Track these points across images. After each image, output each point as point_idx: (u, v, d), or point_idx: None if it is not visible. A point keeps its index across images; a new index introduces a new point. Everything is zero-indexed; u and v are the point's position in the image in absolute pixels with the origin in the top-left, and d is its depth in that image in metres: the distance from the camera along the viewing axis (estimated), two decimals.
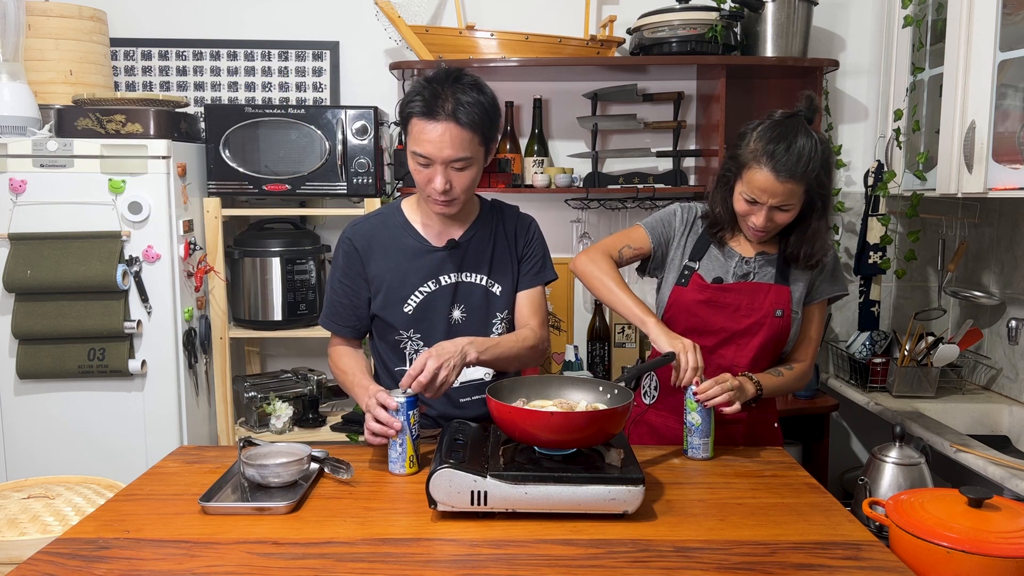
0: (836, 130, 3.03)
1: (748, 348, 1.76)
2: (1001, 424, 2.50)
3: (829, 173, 1.68)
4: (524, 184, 2.88)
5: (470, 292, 1.74)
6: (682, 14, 2.71)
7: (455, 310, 1.73)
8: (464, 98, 1.55)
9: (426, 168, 1.60)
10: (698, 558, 1.21)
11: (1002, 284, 2.65)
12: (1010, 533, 1.17)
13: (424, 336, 1.72)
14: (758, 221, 1.67)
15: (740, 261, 1.78)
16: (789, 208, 1.66)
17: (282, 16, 2.98)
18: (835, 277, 1.82)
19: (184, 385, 2.55)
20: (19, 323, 2.40)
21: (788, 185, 1.62)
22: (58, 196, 2.43)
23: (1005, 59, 2.19)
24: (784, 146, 1.61)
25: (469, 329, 1.73)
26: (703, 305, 1.77)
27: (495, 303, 1.76)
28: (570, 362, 2.96)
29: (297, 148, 2.67)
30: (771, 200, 1.64)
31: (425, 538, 1.28)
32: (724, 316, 1.76)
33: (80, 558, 1.20)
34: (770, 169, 1.61)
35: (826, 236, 1.75)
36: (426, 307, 1.71)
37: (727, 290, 1.76)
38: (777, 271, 1.78)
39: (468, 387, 1.74)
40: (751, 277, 1.77)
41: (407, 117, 1.60)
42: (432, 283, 1.71)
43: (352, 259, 1.73)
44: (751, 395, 1.69)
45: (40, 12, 2.63)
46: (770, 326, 1.75)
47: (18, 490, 1.77)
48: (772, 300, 1.75)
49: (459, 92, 1.56)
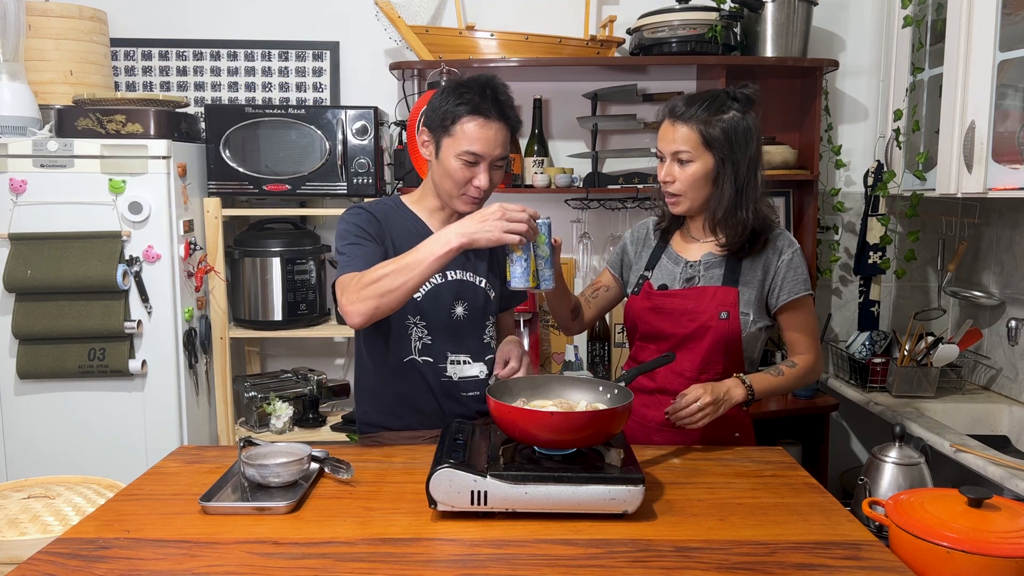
0: (836, 130, 3.03)
1: (696, 352, 1.75)
2: (1001, 424, 2.50)
3: (741, 140, 1.68)
4: (524, 184, 2.88)
5: (472, 291, 1.78)
6: (682, 14, 2.71)
7: (458, 307, 1.76)
8: (507, 101, 1.68)
9: (472, 166, 1.66)
10: (698, 558, 1.21)
11: (1002, 284, 2.65)
12: (1010, 533, 1.17)
13: (429, 326, 1.74)
14: (661, 174, 1.74)
15: (686, 266, 1.80)
16: (688, 158, 1.69)
17: (282, 16, 2.98)
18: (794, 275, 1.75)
19: (184, 385, 2.55)
20: (19, 323, 2.40)
21: (680, 128, 1.69)
22: (58, 196, 2.43)
23: (1005, 59, 2.19)
24: (682, 98, 1.72)
25: (468, 327, 1.77)
26: (650, 312, 1.79)
27: (489, 305, 1.81)
28: (570, 362, 2.96)
29: (297, 148, 2.67)
30: (668, 147, 1.71)
31: (425, 538, 1.28)
32: (670, 322, 1.77)
33: (80, 558, 1.20)
34: (666, 117, 1.72)
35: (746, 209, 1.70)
36: (433, 298, 1.74)
37: (671, 296, 1.78)
38: (725, 272, 1.76)
39: (469, 383, 1.77)
40: (697, 281, 1.78)
41: (455, 118, 1.63)
42: (439, 276, 1.74)
43: (372, 221, 1.71)
44: (738, 400, 1.68)
45: (40, 12, 2.63)
46: (716, 329, 1.73)
47: (18, 490, 1.77)
48: (717, 303, 1.73)
49: (499, 95, 1.66)
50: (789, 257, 1.76)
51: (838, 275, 3.10)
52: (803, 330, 1.80)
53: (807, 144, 2.87)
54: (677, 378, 1.76)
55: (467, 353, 1.77)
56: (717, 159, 1.69)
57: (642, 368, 1.65)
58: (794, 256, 1.76)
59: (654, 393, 1.80)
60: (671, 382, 1.76)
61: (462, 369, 1.77)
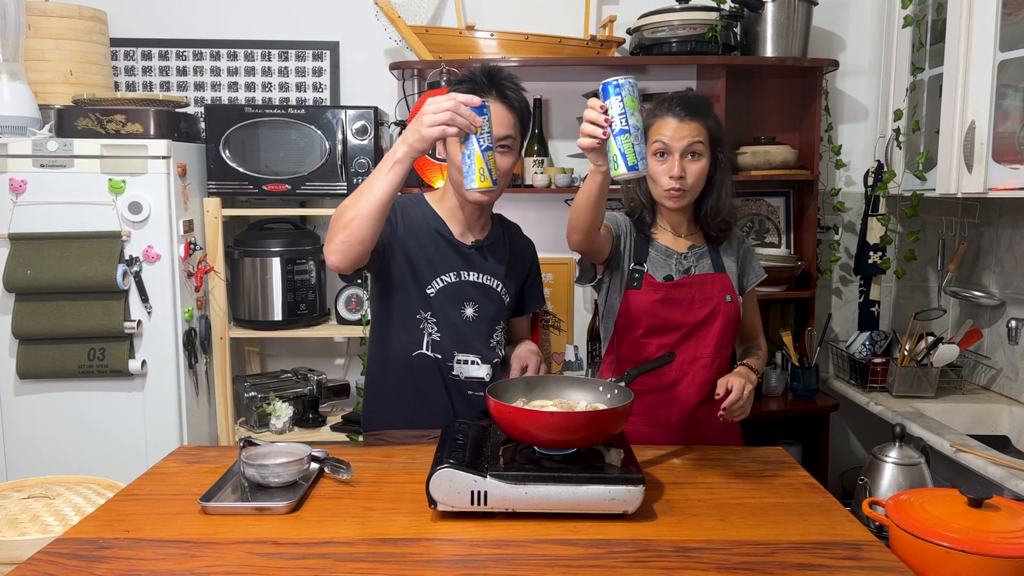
0: (836, 130, 3.03)
1: (708, 338, 1.80)
2: (1001, 424, 2.50)
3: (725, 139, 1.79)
4: (524, 184, 2.88)
5: (485, 293, 1.79)
6: (682, 14, 2.71)
7: (468, 307, 1.77)
8: (508, 83, 1.69)
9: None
10: (698, 558, 1.21)
11: (1002, 284, 2.65)
12: (1010, 533, 1.17)
13: (440, 323, 1.75)
14: (673, 169, 1.72)
15: (679, 257, 1.83)
16: (699, 153, 1.72)
17: (282, 16, 2.98)
18: (756, 259, 1.92)
19: (184, 385, 2.55)
20: (19, 323, 2.40)
21: (693, 124, 1.72)
22: (58, 196, 2.43)
23: (1005, 59, 2.19)
24: (679, 96, 1.76)
25: (478, 328, 1.78)
26: (660, 304, 1.79)
27: (502, 310, 1.82)
28: (570, 362, 2.96)
29: (297, 148, 2.67)
30: (680, 143, 1.71)
31: (425, 538, 1.28)
32: (680, 311, 1.79)
33: (80, 558, 1.20)
34: (674, 114, 1.73)
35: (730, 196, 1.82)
36: (445, 296, 1.75)
37: (679, 285, 1.80)
38: (711, 261, 1.84)
39: (475, 383, 1.78)
40: (693, 271, 1.82)
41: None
42: (453, 275, 1.75)
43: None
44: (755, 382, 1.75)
45: (40, 12, 2.63)
46: (724, 313, 1.80)
47: (18, 490, 1.77)
48: (720, 287, 1.81)
49: (499, 78, 1.69)
50: (748, 244, 1.92)
51: (838, 275, 3.10)
52: (757, 313, 1.96)
53: (807, 144, 2.87)
54: (692, 366, 1.79)
55: (475, 354, 1.78)
56: (715, 156, 1.77)
57: (642, 368, 1.65)
58: (749, 242, 1.92)
59: (667, 391, 1.80)
60: (689, 372, 1.79)
61: (468, 369, 1.78)
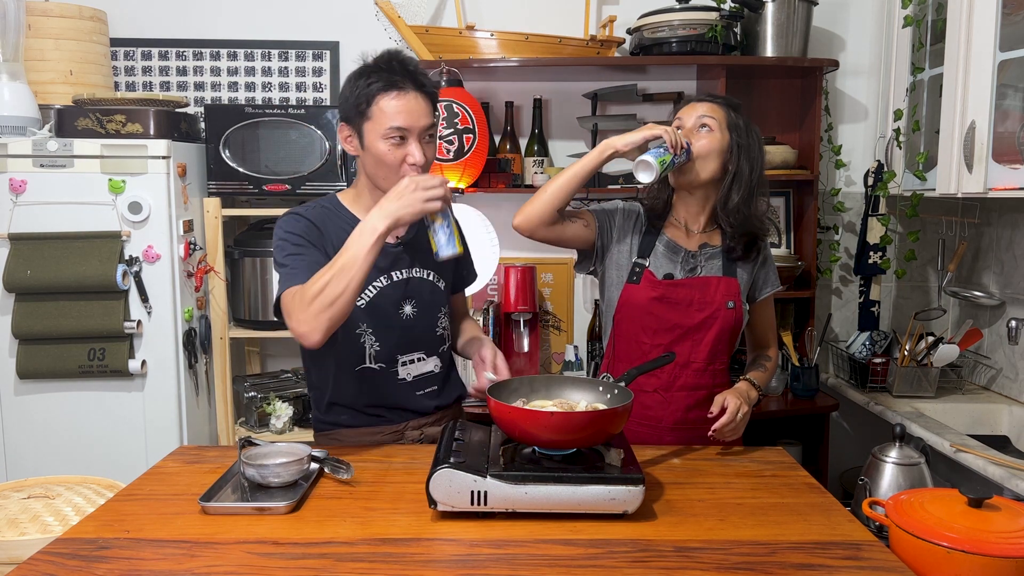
0: (836, 130, 3.03)
1: (704, 343, 1.77)
2: (1001, 424, 2.50)
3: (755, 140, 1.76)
4: (524, 184, 2.88)
5: (420, 287, 1.75)
6: (682, 14, 2.71)
7: (407, 305, 1.73)
8: (416, 69, 1.62)
9: (401, 144, 1.59)
10: (698, 558, 1.21)
11: (1002, 284, 2.65)
12: (1010, 533, 1.17)
13: (376, 331, 1.70)
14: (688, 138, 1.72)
15: (687, 255, 1.79)
16: (709, 127, 1.72)
17: (282, 16, 2.98)
18: (774, 269, 1.88)
19: (184, 385, 2.55)
20: (19, 323, 2.40)
21: (708, 104, 1.75)
22: (58, 196, 2.43)
23: (1005, 59, 2.19)
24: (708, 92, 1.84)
25: (421, 323, 1.74)
26: (657, 302, 1.77)
27: (439, 298, 1.79)
28: (570, 362, 2.96)
29: (297, 148, 2.67)
30: (692, 116, 1.73)
31: (425, 538, 1.28)
32: (677, 312, 1.77)
33: (80, 558, 1.20)
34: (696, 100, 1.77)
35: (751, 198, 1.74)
36: (378, 302, 1.70)
37: (679, 285, 1.77)
38: (723, 264, 1.79)
39: (424, 379, 1.77)
40: (698, 271, 1.79)
41: (369, 99, 1.58)
42: (384, 278, 1.70)
43: (312, 231, 1.64)
44: (755, 400, 1.73)
45: (40, 12, 2.63)
46: (723, 318, 1.76)
47: (18, 490, 1.77)
48: (723, 292, 1.77)
49: (408, 65, 1.61)
50: (768, 252, 1.86)
51: (838, 275, 3.10)
52: (772, 323, 1.92)
53: (807, 144, 2.87)
54: (685, 370, 1.77)
55: (420, 351, 1.75)
56: (733, 142, 1.73)
57: (642, 368, 1.65)
58: (770, 250, 1.87)
59: (658, 391, 1.79)
60: (681, 375, 1.77)
61: (414, 368, 1.74)
